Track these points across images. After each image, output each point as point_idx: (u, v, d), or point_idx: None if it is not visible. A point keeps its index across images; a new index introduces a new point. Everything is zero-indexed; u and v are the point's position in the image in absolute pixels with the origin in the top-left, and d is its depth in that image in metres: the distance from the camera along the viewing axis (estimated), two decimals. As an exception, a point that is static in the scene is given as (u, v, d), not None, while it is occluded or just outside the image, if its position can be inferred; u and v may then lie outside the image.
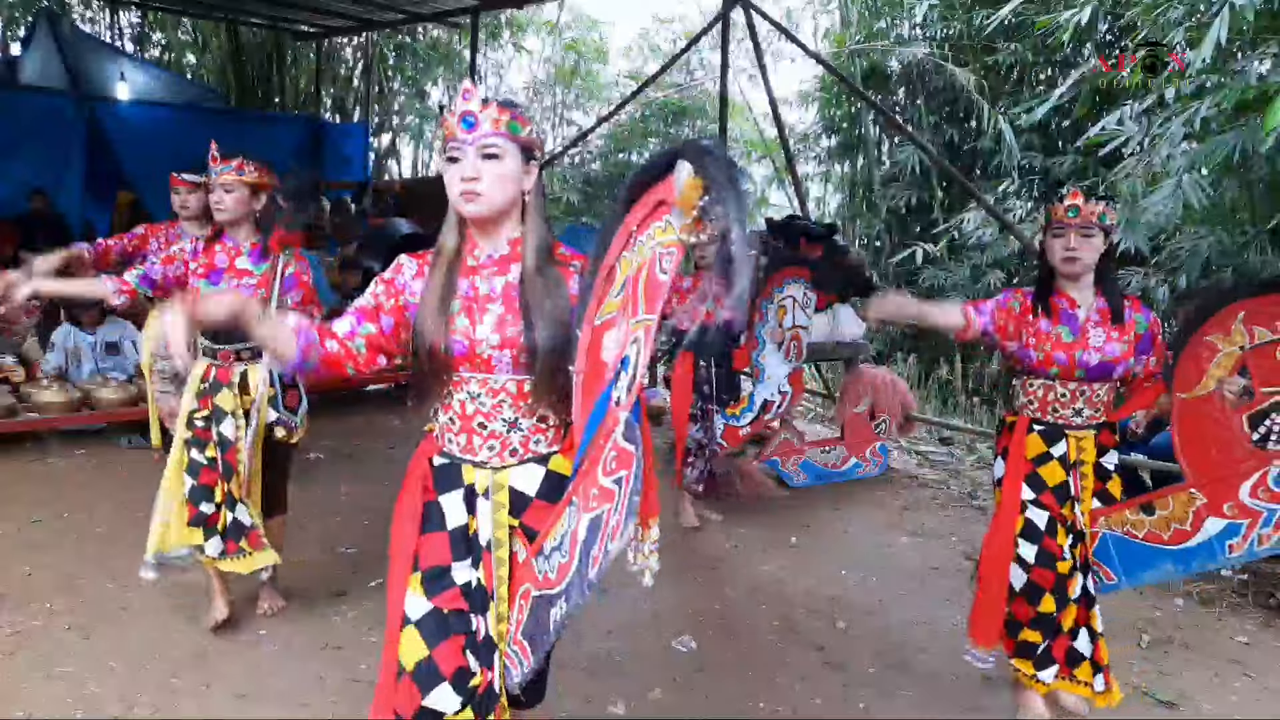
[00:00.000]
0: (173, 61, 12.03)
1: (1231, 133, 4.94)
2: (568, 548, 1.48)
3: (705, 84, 13.31)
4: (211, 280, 3.05)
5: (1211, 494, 2.50)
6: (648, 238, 1.40)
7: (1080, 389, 2.62)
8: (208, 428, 3.13)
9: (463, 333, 1.72)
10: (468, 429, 1.77)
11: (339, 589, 3.62)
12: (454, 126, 1.68)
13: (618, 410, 1.39)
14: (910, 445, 6.23)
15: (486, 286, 1.75)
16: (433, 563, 1.77)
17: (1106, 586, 2.70)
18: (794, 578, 3.95)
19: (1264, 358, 2.46)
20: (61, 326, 5.73)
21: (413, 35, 12.57)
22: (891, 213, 10.12)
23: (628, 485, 1.33)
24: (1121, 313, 2.61)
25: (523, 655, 1.65)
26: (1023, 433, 2.69)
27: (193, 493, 3.11)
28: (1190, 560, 2.55)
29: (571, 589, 1.45)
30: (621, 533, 1.32)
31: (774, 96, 7.06)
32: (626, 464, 1.35)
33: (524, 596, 1.67)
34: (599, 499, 1.39)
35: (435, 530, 1.79)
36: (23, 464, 5.05)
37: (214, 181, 3.05)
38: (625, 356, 1.39)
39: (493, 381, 1.74)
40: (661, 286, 1.32)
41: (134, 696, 2.82)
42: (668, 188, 1.33)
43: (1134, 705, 3.00)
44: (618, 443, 1.37)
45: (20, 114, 7.71)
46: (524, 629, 1.66)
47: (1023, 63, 8.99)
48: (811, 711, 2.91)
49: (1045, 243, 2.64)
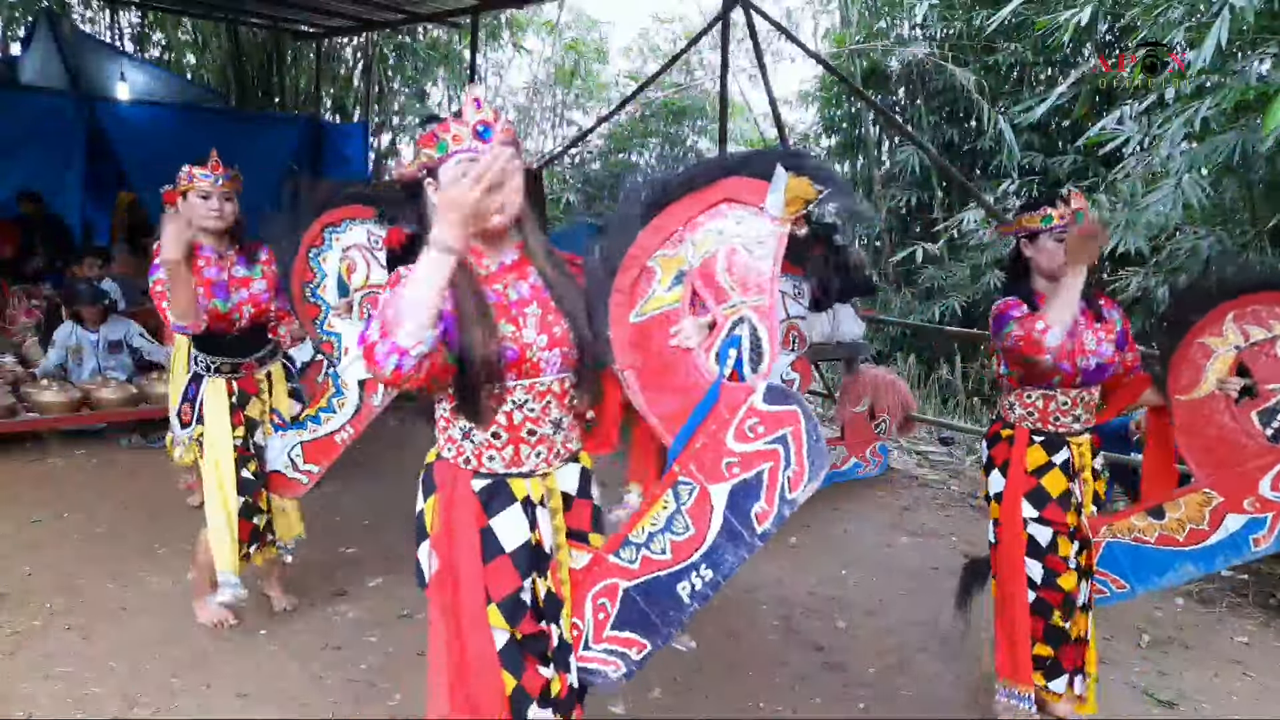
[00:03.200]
0: (173, 61, 12.01)
1: (1231, 133, 4.94)
2: (687, 523, 1.60)
3: (705, 84, 13.31)
4: (219, 296, 3.02)
5: (1228, 491, 2.50)
6: (707, 234, 1.62)
7: (1079, 395, 2.60)
8: (245, 444, 3.14)
9: (511, 339, 1.67)
10: (515, 440, 1.73)
11: (339, 589, 3.63)
12: (468, 136, 1.65)
13: (746, 384, 1.57)
14: (910, 445, 6.23)
15: (515, 292, 1.73)
16: (505, 592, 1.72)
17: (1118, 595, 2.68)
18: (794, 578, 3.95)
19: (1260, 356, 2.49)
20: (64, 324, 5.74)
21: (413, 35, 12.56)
22: (891, 213, 10.12)
23: (799, 439, 1.49)
24: (1101, 311, 2.60)
25: (624, 647, 1.70)
26: (1023, 446, 2.64)
27: (245, 511, 3.12)
28: (1213, 558, 2.55)
29: (719, 553, 1.57)
30: (807, 478, 1.48)
31: (774, 96, 7.05)
32: (788, 421, 1.50)
33: (607, 593, 1.71)
34: (743, 464, 1.54)
35: (496, 556, 1.73)
36: (23, 464, 5.06)
37: (215, 189, 3.01)
38: (734, 336, 1.59)
39: (539, 385, 1.72)
40: (764, 272, 1.55)
41: (134, 696, 2.82)
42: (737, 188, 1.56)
43: (1134, 705, 3.01)
44: (758, 409, 1.53)
45: (20, 114, 7.70)
46: (618, 622, 1.71)
47: (1023, 63, 8.99)
48: (811, 711, 2.91)
49: (1038, 245, 2.56)
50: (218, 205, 3.02)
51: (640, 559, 1.67)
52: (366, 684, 2.95)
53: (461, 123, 1.66)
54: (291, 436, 3.18)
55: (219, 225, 3.05)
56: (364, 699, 2.87)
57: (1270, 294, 2.50)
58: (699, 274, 1.64)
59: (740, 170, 1.60)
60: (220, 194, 3.02)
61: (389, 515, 4.38)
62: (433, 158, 1.67)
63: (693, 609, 1.63)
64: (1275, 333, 2.48)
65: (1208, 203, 5.59)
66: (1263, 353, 2.49)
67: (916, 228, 10.00)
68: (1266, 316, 2.49)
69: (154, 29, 12.12)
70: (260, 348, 3.20)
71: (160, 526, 4.17)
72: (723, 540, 1.56)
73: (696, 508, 1.59)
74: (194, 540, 3.23)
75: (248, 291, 3.08)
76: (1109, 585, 2.68)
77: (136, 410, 5.35)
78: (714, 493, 1.56)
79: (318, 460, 3.19)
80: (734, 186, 1.58)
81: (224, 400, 3.10)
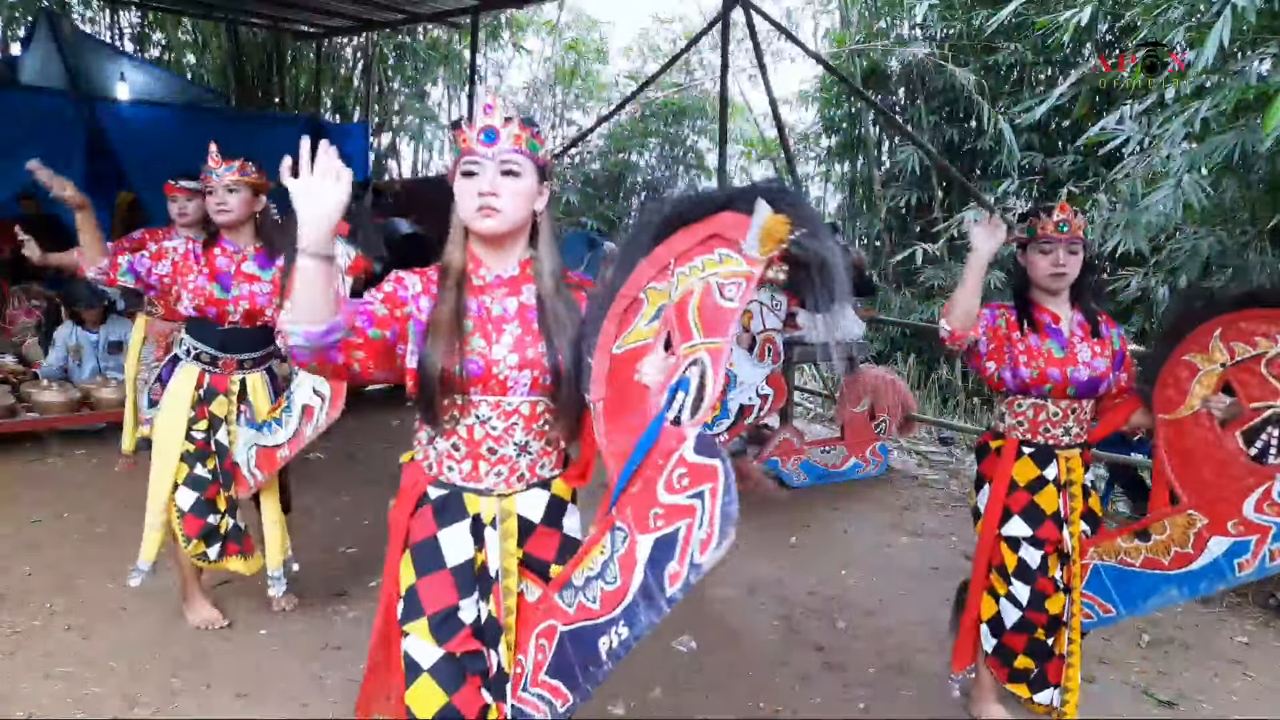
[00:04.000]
0: (173, 61, 12.01)
1: (1231, 133, 4.95)
2: (616, 573, 1.47)
3: (705, 84, 13.31)
4: (221, 283, 3.01)
5: (1212, 513, 2.44)
6: (692, 269, 1.52)
7: (1071, 406, 2.59)
8: (207, 439, 3.11)
9: (479, 353, 1.65)
10: (474, 455, 1.70)
11: (339, 589, 3.63)
12: (472, 140, 1.63)
13: (681, 429, 1.42)
14: (910, 445, 6.23)
15: (499, 307, 1.70)
16: (439, 606, 1.69)
17: (1104, 619, 2.64)
18: (794, 578, 3.95)
19: (1247, 373, 2.42)
20: (64, 325, 5.74)
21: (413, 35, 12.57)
22: (891, 213, 10.12)
23: (715, 498, 1.33)
24: (1099, 327, 2.60)
25: (553, 696, 1.59)
26: (1010, 458, 2.63)
27: (198, 507, 3.11)
28: (1197, 582, 2.48)
29: (635, 612, 1.43)
30: (715, 544, 1.32)
31: (774, 96, 7.07)
32: (708, 477, 1.35)
33: (546, 634, 1.62)
34: (667, 517, 1.40)
35: (435, 570, 1.71)
36: (23, 464, 5.06)
37: (216, 183, 2.98)
38: (685, 378, 1.45)
39: (506, 404, 1.68)
40: (728, 313, 1.44)
41: (134, 696, 2.82)
42: (725, 224, 1.47)
43: (1134, 705, 3.01)
44: (686, 459, 1.39)
45: (20, 114, 7.69)
46: (551, 669, 1.60)
47: (1023, 63, 8.99)
48: (811, 711, 2.91)
49: (1027, 257, 2.59)
50: (220, 199, 2.99)
51: (576, 604, 1.56)
52: (366, 684, 2.95)
53: (471, 125, 1.65)
54: (252, 435, 3.14)
55: (224, 219, 3.01)
56: (364, 699, 2.87)
57: (1256, 311, 2.44)
58: (674, 309, 1.54)
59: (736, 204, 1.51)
60: (223, 187, 2.97)
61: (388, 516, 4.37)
62: (455, 158, 1.68)
63: (607, 668, 1.50)
64: (1261, 350, 2.42)
65: (1208, 203, 5.60)
66: (1248, 371, 2.43)
67: (916, 228, 10.00)
68: (1252, 334, 2.43)
69: (154, 29, 12.13)
70: (248, 350, 3.14)
71: (160, 526, 4.17)
72: (639, 598, 1.43)
73: (626, 557, 1.46)
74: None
75: (249, 288, 3.04)
76: (1095, 609, 2.63)
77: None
78: (640, 544, 1.44)
79: (264, 468, 3.13)
80: (725, 223, 1.50)
81: (189, 388, 3.08)
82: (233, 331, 3.08)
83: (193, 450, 3.10)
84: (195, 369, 3.10)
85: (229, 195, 2.99)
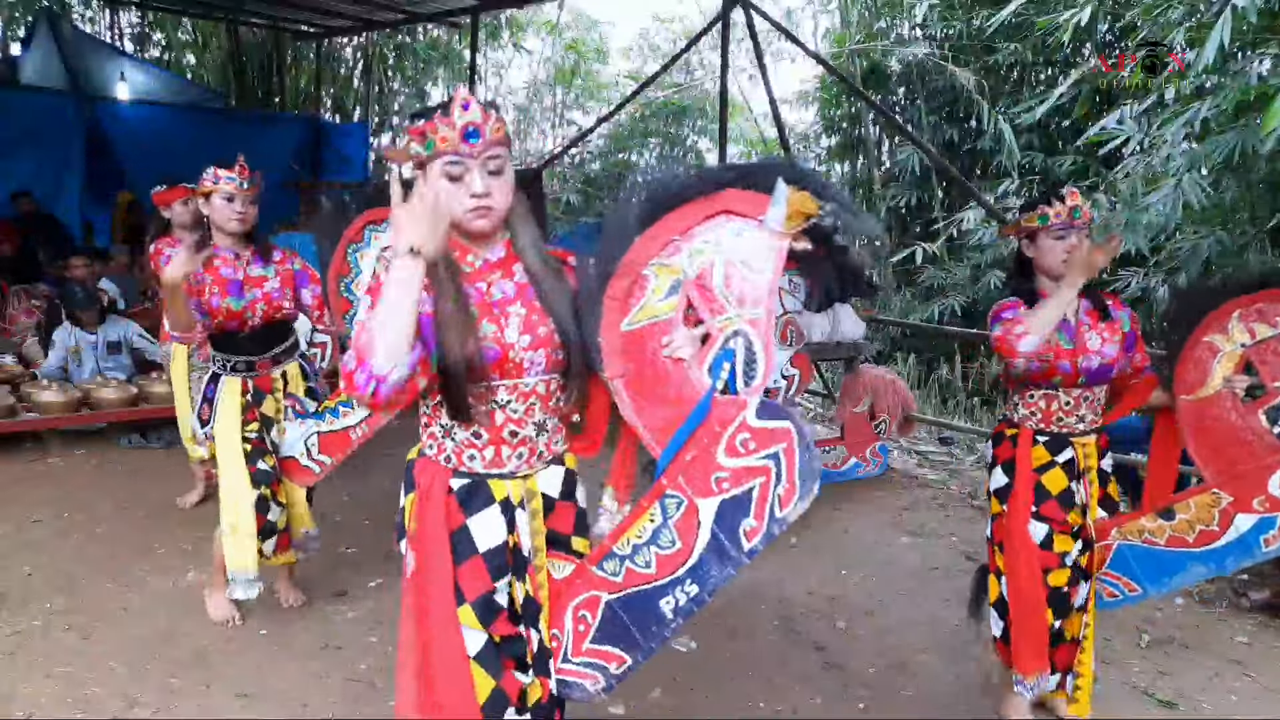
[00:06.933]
0: (173, 61, 12.01)
1: (1231, 133, 4.95)
2: (673, 537, 1.58)
3: (705, 84, 13.32)
4: (234, 294, 3.05)
5: (1237, 491, 2.47)
6: (705, 244, 1.60)
7: (1083, 395, 2.59)
8: (261, 437, 3.15)
9: (492, 339, 1.64)
10: (497, 440, 1.70)
11: (339, 589, 3.62)
12: (455, 139, 1.57)
13: (739, 398, 1.55)
14: (910, 445, 6.23)
15: (498, 291, 1.69)
16: (478, 592, 1.70)
17: (1130, 597, 2.66)
18: (794, 578, 3.95)
19: (1268, 353, 2.48)
20: (62, 325, 5.73)
21: (413, 35, 12.57)
22: (891, 213, 10.12)
23: (791, 456, 1.47)
24: (1108, 310, 2.60)
25: (605, 661, 1.68)
26: (1028, 445, 2.63)
27: (260, 503, 3.12)
28: (1224, 559, 2.51)
29: (704, 569, 1.56)
30: (798, 497, 1.46)
31: (774, 96, 7.05)
32: (780, 438, 1.48)
33: (587, 606, 1.69)
34: (734, 480, 1.52)
35: (469, 556, 1.71)
36: (23, 464, 5.05)
37: (240, 192, 3.02)
38: (729, 349, 1.57)
39: (523, 385, 1.68)
40: (761, 283, 1.55)
41: (134, 696, 2.82)
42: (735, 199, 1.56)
43: (1134, 705, 3.01)
44: (750, 424, 1.51)
45: (20, 114, 7.71)
46: (598, 637, 1.68)
47: (1023, 63, 9.01)
48: (811, 711, 2.91)
49: (1036, 246, 2.55)
50: (242, 209, 3.04)
51: (624, 572, 1.64)
52: (366, 684, 2.95)
53: (449, 123, 1.58)
54: (310, 425, 3.18)
55: (241, 229, 3.06)
56: (364, 699, 2.87)
57: (1276, 292, 2.49)
58: (694, 285, 1.61)
59: (740, 182, 1.57)
60: (244, 197, 3.03)
61: (389, 515, 4.31)
62: (420, 155, 1.59)
63: (676, 624, 1.61)
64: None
65: (1208, 203, 5.60)
66: (1269, 350, 2.47)
67: (916, 228, 10.01)
68: (1272, 314, 2.47)
69: (154, 29, 12.14)
70: (274, 346, 3.21)
71: (160, 526, 4.17)
72: (709, 556, 1.55)
73: (684, 522, 1.57)
74: (193, 541, 3.25)
75: (261, 290, 3.10)
76: (1120, 588, 2.65)
77: (136, 410, 5.34)
78: (702, 507, 1.55)
79: (332, 452, 3.17)
80: (733, 199, 1.57)
81: (236, 400, 3.12)
82: (256, 334, 3.14)
83: (249, 450, 3.12)
84: (236, 380, 3.15)
85: (251, 207, 3.07)
